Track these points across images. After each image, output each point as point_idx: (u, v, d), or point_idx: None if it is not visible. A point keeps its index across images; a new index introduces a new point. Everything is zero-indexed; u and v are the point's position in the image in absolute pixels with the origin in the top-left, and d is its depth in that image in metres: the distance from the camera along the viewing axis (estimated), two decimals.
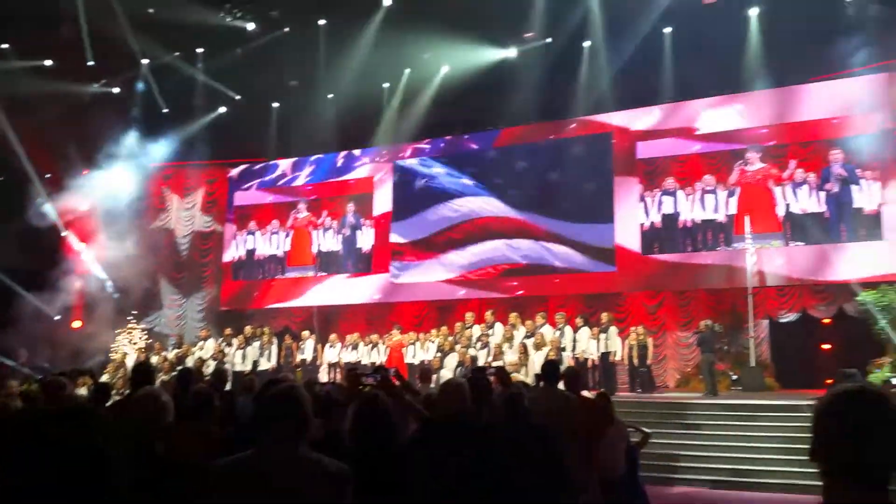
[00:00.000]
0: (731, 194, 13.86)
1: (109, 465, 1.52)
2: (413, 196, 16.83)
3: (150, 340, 16.56)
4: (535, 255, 15.24)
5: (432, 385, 7.85)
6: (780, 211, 13.40)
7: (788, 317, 13.45)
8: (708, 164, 14.18)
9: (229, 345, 14.87)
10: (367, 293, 16.93)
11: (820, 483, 1.62)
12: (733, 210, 13.76)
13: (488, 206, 15.93)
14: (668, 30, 14.37)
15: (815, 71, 13.31)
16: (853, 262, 12.56)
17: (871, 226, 12.66)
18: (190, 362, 13.30)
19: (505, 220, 15.65)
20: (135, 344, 16.48)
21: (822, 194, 13.12)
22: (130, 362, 13.51)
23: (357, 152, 17.81)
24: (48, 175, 17.06)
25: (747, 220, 13.13)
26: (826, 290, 13.15)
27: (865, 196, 12.78)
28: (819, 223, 13.07)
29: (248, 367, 13.87)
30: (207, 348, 14.70)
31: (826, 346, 13.51)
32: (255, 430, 2.62)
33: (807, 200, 13.24)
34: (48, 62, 16.27)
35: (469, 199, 16.17)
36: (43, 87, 15.49)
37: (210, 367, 11.98)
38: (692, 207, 14.17)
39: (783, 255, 13.24)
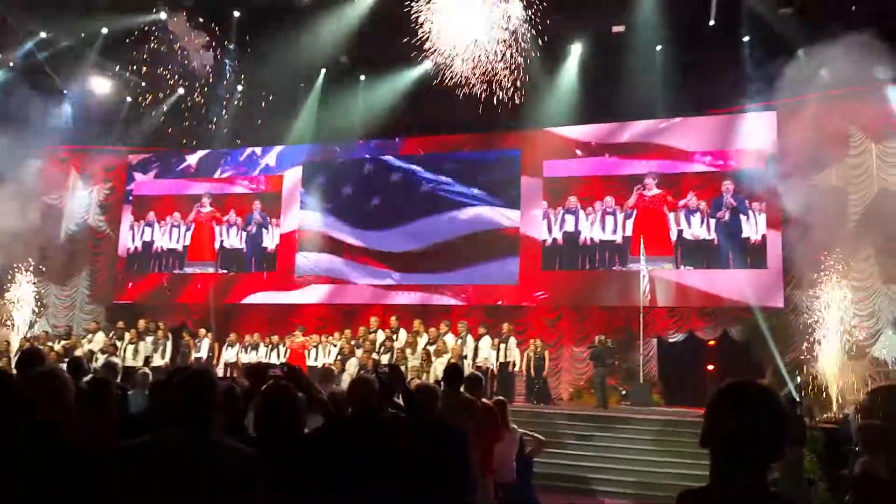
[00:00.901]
0: (628, 216, 14.54)
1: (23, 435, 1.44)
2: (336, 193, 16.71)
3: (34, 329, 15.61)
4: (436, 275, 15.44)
5: (336, 388, 7.83)
6: (673, 236, 14.18)
7: (676, 337, 14.22)
8: (609, 187, 14.83)
9: (121, 339, 14.23)
10: (269, 293, 16.62)
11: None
12: (629, 232, 14.44)
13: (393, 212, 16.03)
14: (577, 50, 14.86)
15: (712, 104, 14.19)
16: (739, 287, 13.44)
17: (756, 254, 13.59)
18: (77, 354, 12.62)
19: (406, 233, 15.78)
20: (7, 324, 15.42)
21: (713, 222, 13.98)
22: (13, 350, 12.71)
23: (269, 148, 17.46)
24: None
25: (642, 242, 13.81)
26: (712, 314, 14.00)
27: (752, 226, 13.72)
28: (708, 249, 13.92)
29: (139, 363, 13.29)
30: (97, 341, 14.02)
31: (710, 367, 14.35)
32: (166, 412, 2.60)
33: (698, 227, 14.07)
34: None
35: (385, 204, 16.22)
36: None
37: (100, 361, 11.45)
38: (592, 227, 14.76)
39: (673, 277, 14.00)
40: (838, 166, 12.99)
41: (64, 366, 6.98)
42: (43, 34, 15.85)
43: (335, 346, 13.98)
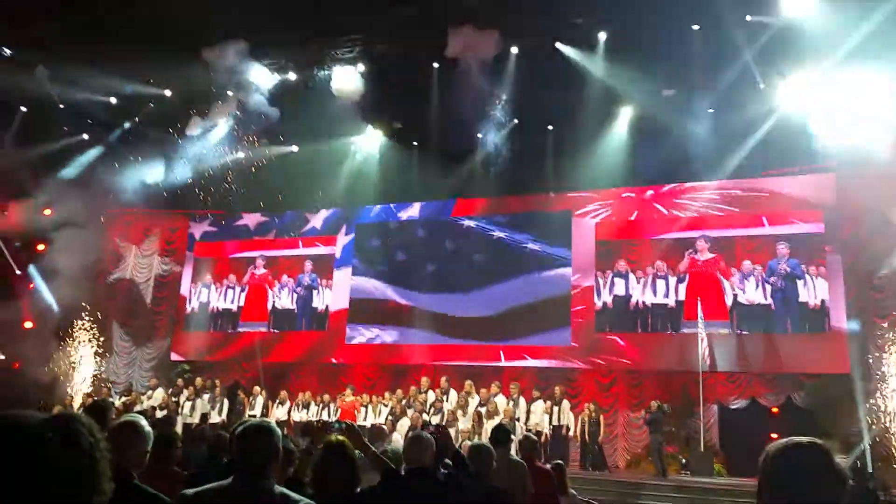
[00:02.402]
0: (680, 280, 14.30)
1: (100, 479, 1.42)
2: (381, 257, 16.91)
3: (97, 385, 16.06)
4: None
5: (388, 447, 7.79)
6: (728, 300, 13.85)
7: (738, 403, 13.71)
8: (659, 250, 14.67)
9: (179, 396, 14.49)
10: (321, 353, 16.76)
11: None
12: (682, 296, 14.18)
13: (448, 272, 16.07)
14: (626, 112, 14.90)
15: (765, 166, 14.03)
16: (800, 352, 12.98)
17: (815, 318, 13.16)
18: (138, 410, 12.92)
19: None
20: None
21: (769, 287, 13.64)
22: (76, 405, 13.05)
23: (321, 211, 17.90)
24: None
25: (699, 305, 13.53)
26: (775, 379, 13.50)
27: (810, 290, 13.32)
28: (765, 314, 13.54)
29: (196, 420, 13.49)
30: (156, 397, 14.31)
31: (774, 435, 13.74)
32: (230, 462, 2.66)
33: (753, 292, 13.73)
34: None
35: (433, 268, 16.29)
36: None
37: (158, 417, 11.66)
38: (644, 291, 14.55)
39: (733, 342, 13.62)
40: None
41: None
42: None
43: (386, 405, 13.94)
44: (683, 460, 13.33)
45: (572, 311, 14.92)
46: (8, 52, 15.39)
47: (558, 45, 13.65)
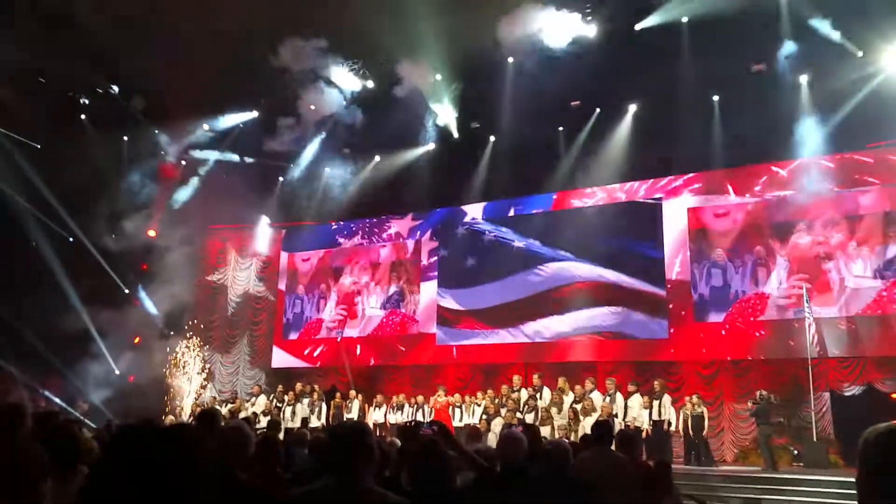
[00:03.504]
0: (782, 267, 13.63)
1: (200, 483, 1.59)
2: (468, 263, 16.93)
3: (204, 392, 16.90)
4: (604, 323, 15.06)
5: (481, 446, 7.78)
6: (834, 284, 13.09)
7: (852, 390, 12.93)
8: (758, 236, 14.01)
9: (280, 401, 15.03)
10: (414, 355, 16.97)
11: None
12: (785, 282, 13.51)
13: (564, 270, 15.76)
14: (716, 98, 14.41)
15: (869, 138, 13.18)
16: None
17: None
18: (242, 417, 13.47)
19: (580, 286, 15.45)
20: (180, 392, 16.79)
21: (877, 266, 12.80)
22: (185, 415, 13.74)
23: (403, 217, 18.12)
24: None
25: (804, 290, 12.85)
26: (892, 363, 12.66)
27: None
28: (874, 296, 12.71)
29: (297, 424, 13.94)
30: (259, 404, 14.88)
31: (894, 422, 12.89)
32: (328, 463, 2.72)
33: (861, 273, 12.91)
34: None
35: (545, 266, 15.97)
36: None
37: (262, 423, 12.12)
38: (742, 279, 13.95)
39: (843, 326, 12.87)
40: None
41: None
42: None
43: (479, 405, 13.96)
44: (795, 451, 12.70)
45: (670, 301, 14.46)
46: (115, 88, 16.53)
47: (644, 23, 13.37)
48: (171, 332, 18.04)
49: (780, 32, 12.88)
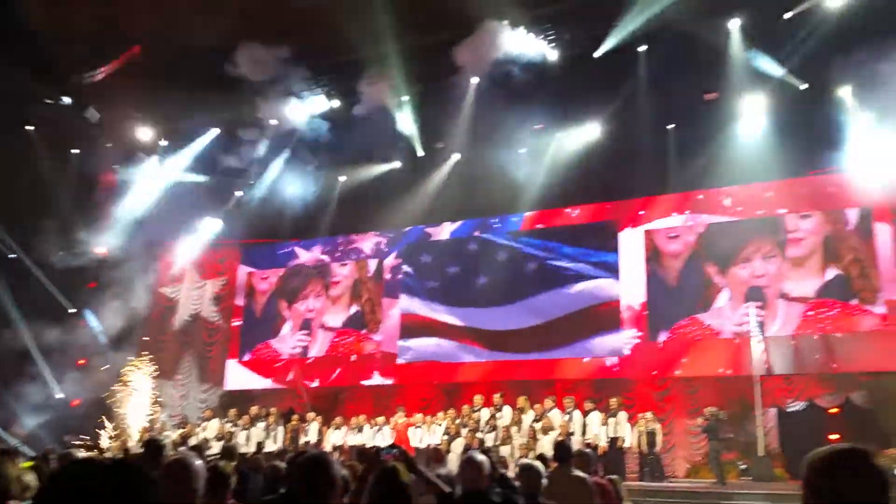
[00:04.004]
0: (729, 288, 14.06)
1: None
2: (432, 283, 16.97)
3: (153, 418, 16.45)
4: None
5: (442, 470, 7.80)
6: (779, 306, 13.55)
7: (795, 406, 13.37)
8: (706, 259, 14.43)
9: (234, 426, 14.75)
10: (373, 375, 16.88)
11: None
12: (731, 303, 13.93)
13: (529, 290, 15.89)
14: (670, 126, 14.87)
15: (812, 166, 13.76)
16: (859, 350, 12.61)
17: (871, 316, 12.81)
18: (193, 443, 13.17)
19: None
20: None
21: (816, 289, 13.36)
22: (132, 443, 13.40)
23: (366, 235, 18.08)
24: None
25: (752, 311, 13.26)
26: (832, 380, 13.15)
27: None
28: (814, 316, 13.23)
29: (252, 449, 13.71)
30: (211, 428, 14.58)
31: (834, 436, 13.35)
32: (287, 496, 2.74)
33: (802, 296, 13.42)
34: None
35: (512, 286, 16.07)
36: None
37: (214, 448, 11.88)
38: (693, 300, 14.31)
39: (787, 345, 13.32)
40: None
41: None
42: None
43: (440, 425, 13.96)
44: (743, 466, 13.04)
45: (622, 320, 14.76)
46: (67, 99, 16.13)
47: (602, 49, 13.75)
48: (119, 353, 17.52)
49: (730, 62, 13.44)
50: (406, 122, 15.96)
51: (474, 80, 15.05)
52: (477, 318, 16.04)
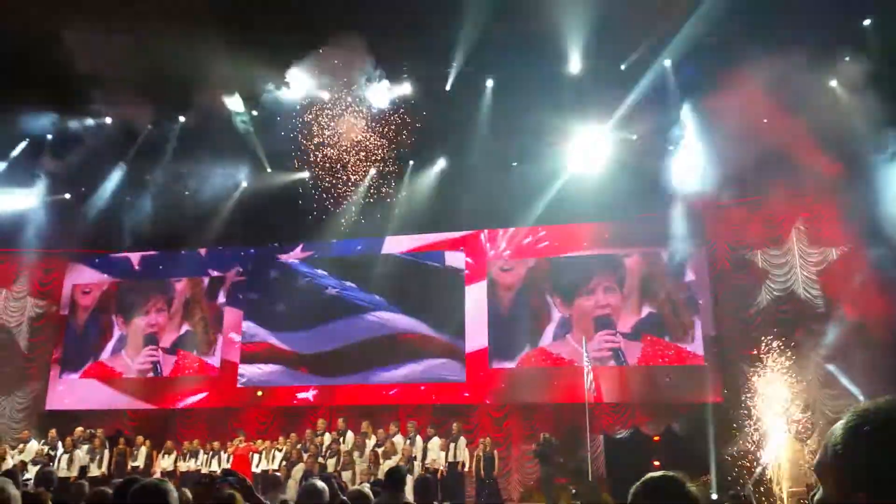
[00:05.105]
0: (562, 317, 15.00)
1: None
2: (278, 305, 16.60)
3: None
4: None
5: (281, 497, 7.65)
6: (609, 339, 14.58)
7: (622, 433, 14.37)
8: (541, 291, 15.29)
9: (54, 448, 13.59)
10: (210, 398, 16.21)
11: None
12: (566, 333, 14.84)
13: (375, 317, 15.97)
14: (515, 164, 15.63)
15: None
16: (676, 382, 13.85)
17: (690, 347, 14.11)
18: (7, 466, 11.99)
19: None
20: None
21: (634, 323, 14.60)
22: None
23: (202, 251, 17.43)
24: None
25: (584, 340, 14.16)
26: (654, 409, 14.27)
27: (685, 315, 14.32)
28: (640, 350, 14.39)
29: (74, 473, 12.69)
30: (29, 450, 13.35)
31: (656, 462, 14.46)
32: None
33: (628, 330, 14.57)
34: None
35: (358, 313, 16.04)
36: None
37: (32, 472, 10.91)
38: (530, 329, 15.12)
39: (614, 375, 14.33)
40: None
41: None
42: None
43: (280, 450, 13.65)
44: (573, 490, 13.77)
45: (466, 346, 15.23)
46: None
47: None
48: None
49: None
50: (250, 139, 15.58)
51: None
52: (304, 343, 15.92)
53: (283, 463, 13.08)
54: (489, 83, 14.33)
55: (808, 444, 12.48)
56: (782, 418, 12.27)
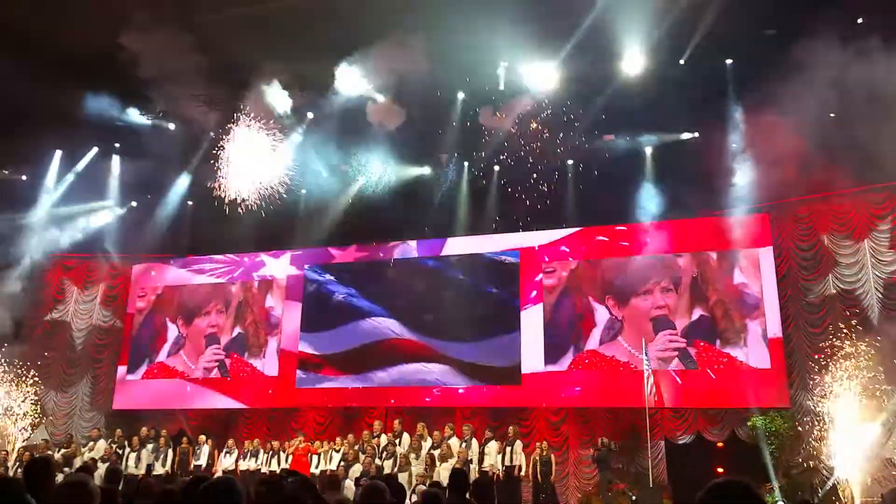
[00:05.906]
0: (618, 320, 14.63)
1: None
2: (327, 308, 16.74)
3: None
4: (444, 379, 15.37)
5: (340, 496, 7.68)
6: (668, 341, 14.17)
7: (684, 438, 14.00)
8: (597, 291, 14.95)
9: (122, 447, 14.03)
10: (270, 398, 16.48)
11: None
12: (623, 336, 14.48)
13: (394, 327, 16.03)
14: (570, 162, 15.44)
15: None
16: (744, 387, 13.40)
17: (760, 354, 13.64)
18: (78, 464, 12.42)
19: (411, 343, 15.77)
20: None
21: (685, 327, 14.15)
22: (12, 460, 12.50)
23: (267, 255, 17.70)
24: None
25: (644, 342, 13.84)
26: (718, 414, 13.86)
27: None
28: (695, 354, 13.95)
29: (141, 471, 13.07)
30: (98, 449, 13.81)
31: (720, 469, 14.06)
32: None
33: (680, 333, 14.12)
34: None
35: (381, 319, 16.15)
36: None
37: (101, 470, 11.24)
38: (589, 332, 14.76)
39: (678, 378, 13.97)
40: None
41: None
42: None
43: (337, 451, 13.78)
44: (633, 496, 13.49)
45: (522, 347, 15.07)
46: None
47: None
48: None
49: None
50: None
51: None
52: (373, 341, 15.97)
53: (341, 464, 13.19)
54: None
55: (881, 454, 11.99)
56: (853, 427, 11.82)
